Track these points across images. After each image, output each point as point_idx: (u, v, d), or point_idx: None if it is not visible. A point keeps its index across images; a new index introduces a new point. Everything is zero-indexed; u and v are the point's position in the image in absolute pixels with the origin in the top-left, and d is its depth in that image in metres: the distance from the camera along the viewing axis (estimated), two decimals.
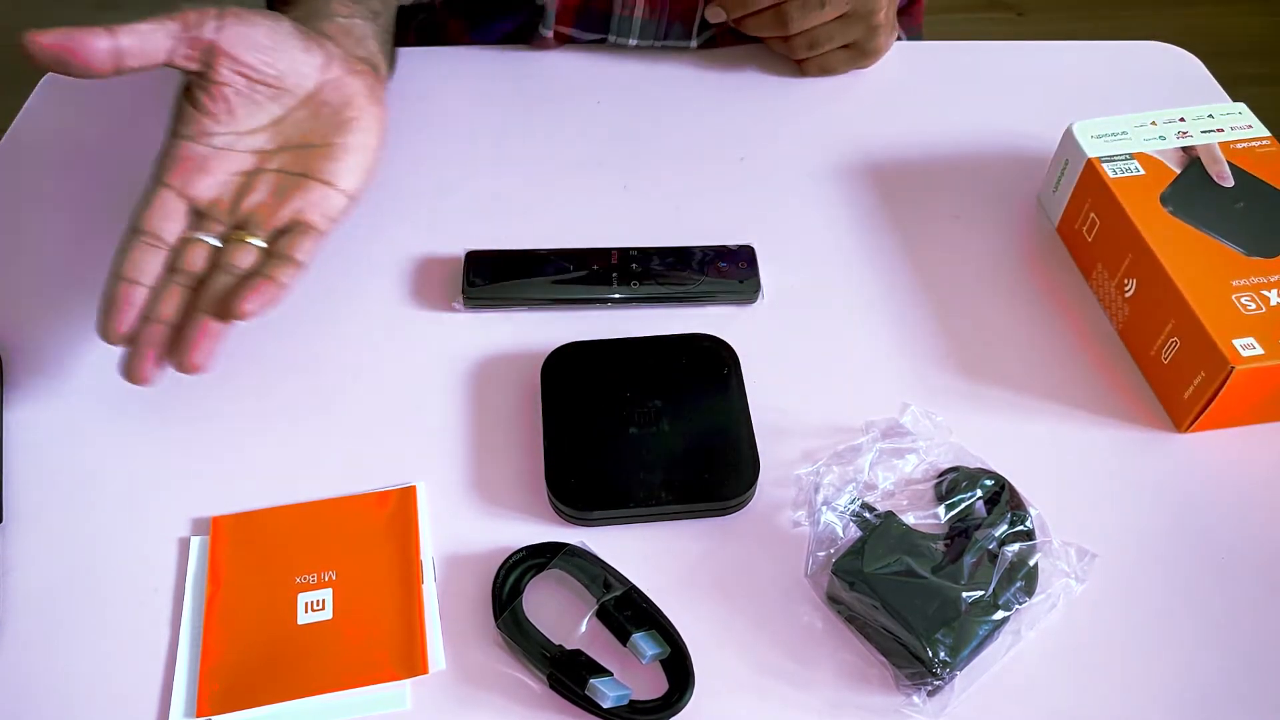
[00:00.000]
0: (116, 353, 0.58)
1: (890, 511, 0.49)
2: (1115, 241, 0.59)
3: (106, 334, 0.50)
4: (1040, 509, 0.50)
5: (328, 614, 0.48)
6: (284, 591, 0.49)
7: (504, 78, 0.75)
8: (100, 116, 0.72)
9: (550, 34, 0.75)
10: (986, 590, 0.46)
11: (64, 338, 0.59)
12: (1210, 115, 0.64)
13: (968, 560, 0.47)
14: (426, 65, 0.75)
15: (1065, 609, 0.48)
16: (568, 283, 0.60)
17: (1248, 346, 0.52)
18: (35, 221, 0.65)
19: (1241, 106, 0.65)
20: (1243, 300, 0.54)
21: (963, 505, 0.50)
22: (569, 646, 0.46)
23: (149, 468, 0.54)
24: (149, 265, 0.51)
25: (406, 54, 0.80)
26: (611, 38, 0.77)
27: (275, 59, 0.52)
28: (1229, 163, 0.61)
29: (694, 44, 0.77)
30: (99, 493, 0.53)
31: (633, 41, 0.77)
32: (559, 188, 0.68)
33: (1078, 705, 0.46)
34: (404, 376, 0.58)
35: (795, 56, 0.75)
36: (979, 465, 0.52)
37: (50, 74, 0.75)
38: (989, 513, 0.50)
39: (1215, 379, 0.52)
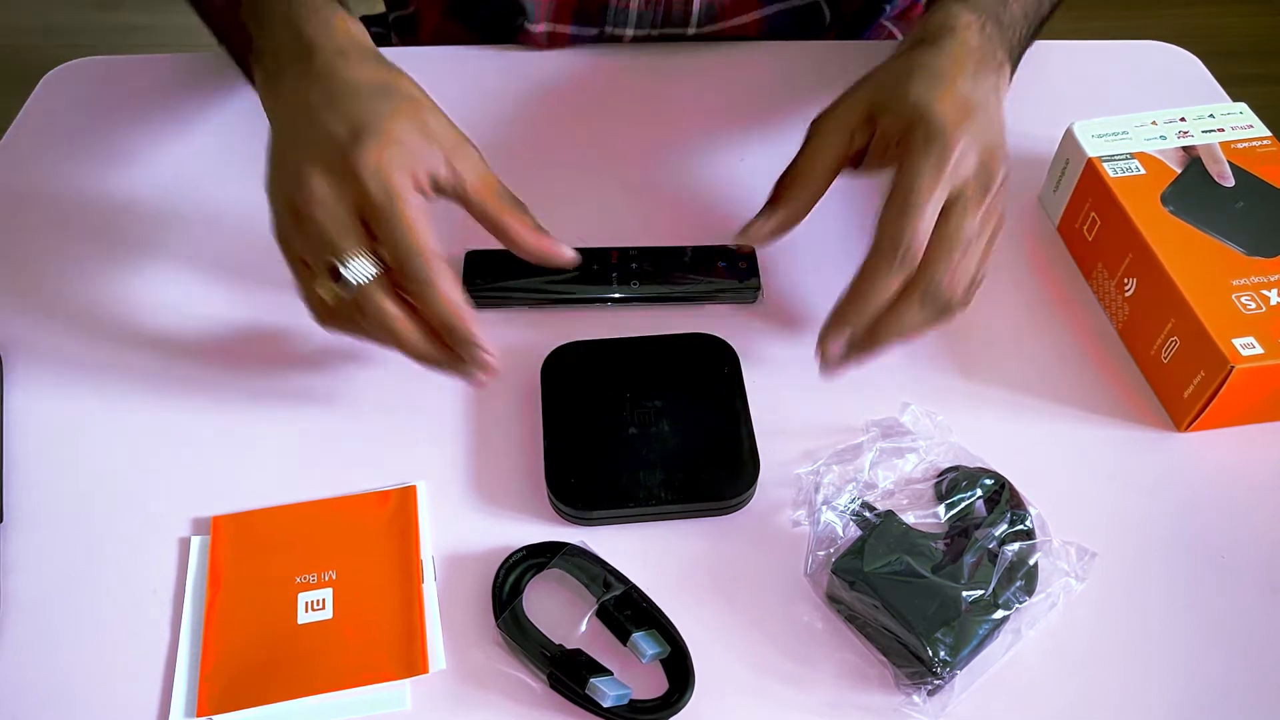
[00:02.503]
0: (114, 353, 0.58)
1: (890, 511, 0.49)
2: (1115, 241, 0.59)
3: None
4: (1040, 508, 0.50)
5: (328, 614, 0.48)
6: (284, 591, 0.49)
7: (501, 77, 0.75)
8: (100, 116, 0.72)
9: (539, 30, 0.75)
10: (986, 589, 0.46)
11: (64, 338, 0.59)
12: (1211, 115, 0.64)
13: (968, 560, 0.47)
14: (423, 66, 0.74)
15: (1065, 608, 0.48)
16: (567, 282, 0.60)
17: (1247, 346, 0.52)
18: (35, 221, 0.65)
19: (1242, 106, 0.65)
20: (1243, 300, 0.54)
21: (963, 505, 0.50)
22: (569, 646, 0.46)
23: (149, 468, 0.54)
24: None
25: (404, 54, 0.80)
26: (608, 29, 0.76)
27: None
28: (1229, 162, 0.61)
29: (691, 30, 0.76)
30: (99, 493, 0.53)
31: (629, 32, 0.76)
32: (558, 187, 0.68)
33: (1078, 704, 0.46)
34: (404, 376, 0.57)
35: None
36: (979, 465, 0.52)
37: (50, 74, 0.76)
38: (989, 512, 0.50)
39: (1215, 378, 0.52)
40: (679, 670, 0.46)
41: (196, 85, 0.75)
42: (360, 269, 0.46)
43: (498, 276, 0.60)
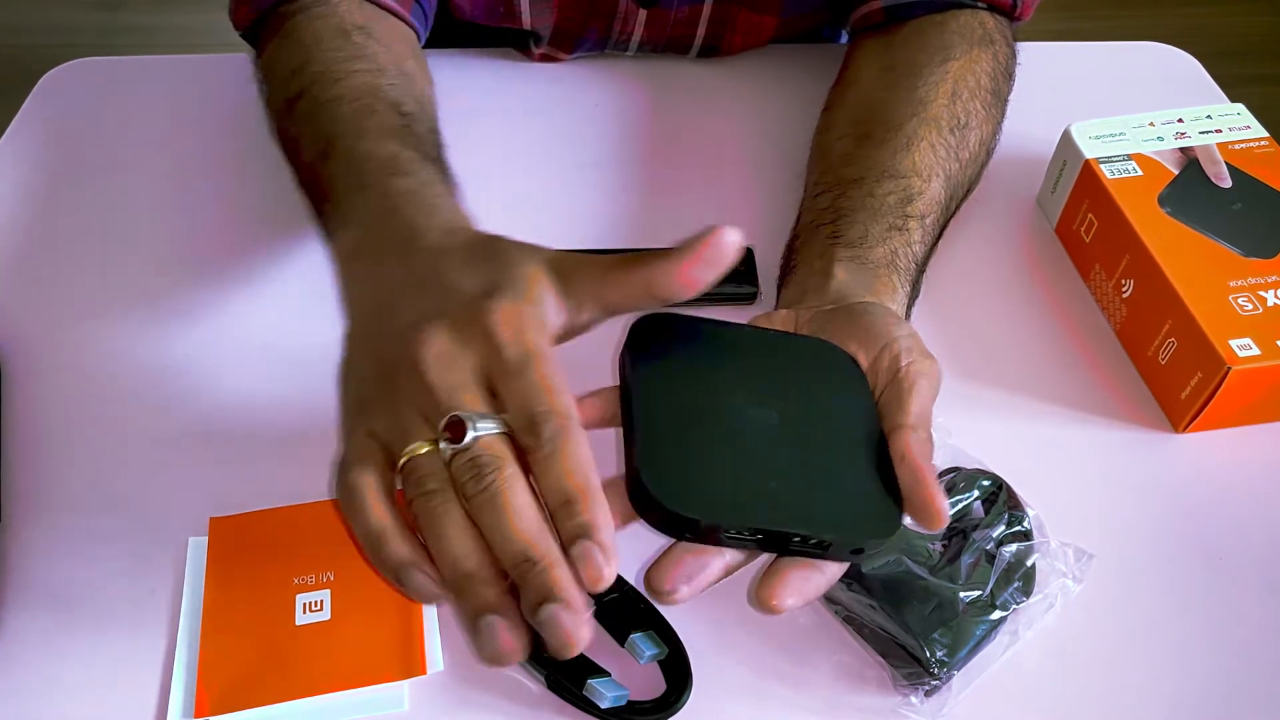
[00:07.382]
0: (114, 353, 0.58)
1: None
2: (1113, 242, 0.59)
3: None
4: (1038, 509, 0.50)
5: (326, 615, 0.48)
6: (282, 592, 0.49)
7: (503, 82, 0.75)
8: (100, 116, 0.72)
9: (539, 53, 0.76)
10: (984, 590, 0.46)
11: (64, 338, 0.59)
12: (1208, 116, 0.64)
13: (965, 560, 0.47)
14: None
15: (1063, 609, 0.48)
16: None
17: (1244, 347, 0.52)
18: (35, 221, 0.65)
19: (1240, 107, 0.65)
20: (1239, 301, 0.54)
21: (960, 506, 0.50)
22: None
23: (148, 468, 0.54)
24: None
25: None
26: (608, 53, 0.77)
27: None
28: (1227, 163, 0.61)
29: (691, 56, 0.77)
30: (98, 493, 0.53)
31: (629, 55, 0.77)
32: (558, 190, 0.68)
33: (1075, 705, 0.46)
34: None
35: None
36: (976, 466, 0.52)
37: (50, 74, 0.76)
38: (986, 513, 0.50)
39: (1212, 379, 0.52)
40: (677, 671, 0.46)
41: (196, 85, 0.75)
42: (488, 425, 0.39)
43: None
